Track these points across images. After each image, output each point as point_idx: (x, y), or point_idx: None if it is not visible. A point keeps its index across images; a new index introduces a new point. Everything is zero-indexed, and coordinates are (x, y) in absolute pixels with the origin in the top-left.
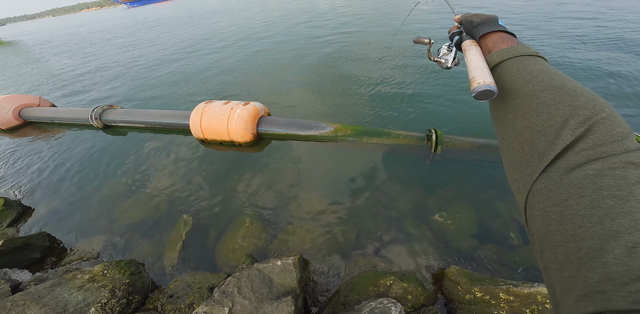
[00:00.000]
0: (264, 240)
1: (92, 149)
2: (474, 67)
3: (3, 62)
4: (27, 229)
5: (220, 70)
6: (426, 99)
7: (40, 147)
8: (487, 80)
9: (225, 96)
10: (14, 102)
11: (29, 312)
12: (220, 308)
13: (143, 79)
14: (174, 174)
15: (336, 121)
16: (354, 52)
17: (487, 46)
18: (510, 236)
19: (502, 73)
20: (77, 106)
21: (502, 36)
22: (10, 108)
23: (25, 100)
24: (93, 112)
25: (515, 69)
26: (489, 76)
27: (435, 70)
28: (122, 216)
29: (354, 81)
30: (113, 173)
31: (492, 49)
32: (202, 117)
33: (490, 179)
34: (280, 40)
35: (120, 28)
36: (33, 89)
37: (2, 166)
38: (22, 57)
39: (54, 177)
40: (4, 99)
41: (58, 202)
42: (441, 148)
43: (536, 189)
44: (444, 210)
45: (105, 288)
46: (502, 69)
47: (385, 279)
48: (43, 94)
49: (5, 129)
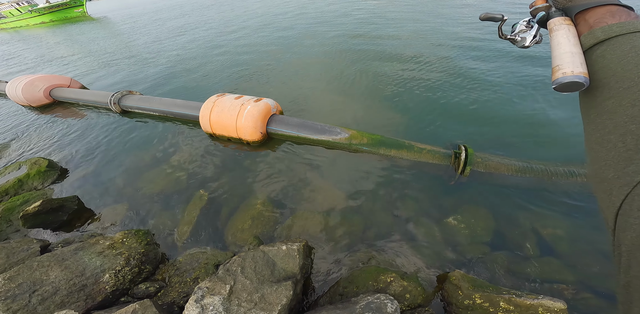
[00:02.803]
0: (272, 223)
1: (115, 130)
2: (562, 52)
3: (93, 36)
4: (60, 192)
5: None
6: (461, 109)
7: (69, 124)
8: (577, 69)
9: (260, 84)
10: (47, 82)
11: (51, 273)
12: (222, 285)
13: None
14: (194, 154)
15: (354, 123)
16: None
17: (588, 22)
18: (526, 247)
19: (606, 52)
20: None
21: (612, 10)
22: (42, 87)
23: (57, 80)
24: (112, 97)
25: (628, 47)
26: (580, 65)
27: (476, 79)
28: (146, 186)
29: (385, 80)
30: (137, 150)
31: (595, 25)
32: (212, 111)
33: (517, 187)
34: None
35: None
36: (111, 63)
37: (38, 137)
38: (108, 32)
39: (81, 150)
40: (37, 79)
41: (90, 169)
42: (470, 169)
43: (638, 194)
44: (459, 213)
45: (122, 256)
46: (607, 47)
47: (387, 275)
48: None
49: (36, 106)
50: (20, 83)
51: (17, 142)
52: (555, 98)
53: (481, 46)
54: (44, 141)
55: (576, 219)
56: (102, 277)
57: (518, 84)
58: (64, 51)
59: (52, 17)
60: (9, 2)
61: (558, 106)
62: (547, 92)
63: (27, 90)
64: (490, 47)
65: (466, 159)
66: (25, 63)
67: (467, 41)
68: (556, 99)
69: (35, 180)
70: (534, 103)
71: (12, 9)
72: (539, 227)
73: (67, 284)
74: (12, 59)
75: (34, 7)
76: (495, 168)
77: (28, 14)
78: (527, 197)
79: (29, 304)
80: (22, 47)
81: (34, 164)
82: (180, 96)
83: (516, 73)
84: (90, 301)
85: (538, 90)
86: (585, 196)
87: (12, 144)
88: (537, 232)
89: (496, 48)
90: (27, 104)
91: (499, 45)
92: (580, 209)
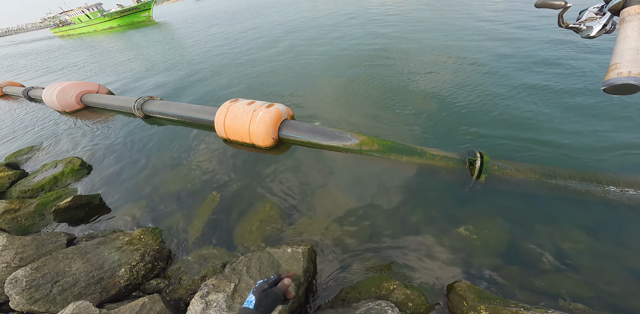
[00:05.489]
0: (279, 226)
1: (138, 134)
2: (625, 48)
3: (156, 40)
4: (87, 189)
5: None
6: (484, 116)
7: (97, 128)
8: (636, 69)
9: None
10: (77, 88)
11: (74, 265)
12: (227, 283)
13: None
14: (209, 157)
15: (365, 127)
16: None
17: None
18: (542, 260)
19: None
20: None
21: None
22: (73, 94)
23: (86, 87)
24: (135, 103)
25: None
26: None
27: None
28: (164, 186)
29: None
30: (158, 153)
31: None
32: (225, 117)
33: (536, 197)
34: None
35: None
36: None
37: (70, 139)
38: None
39: (108, 151)
40: (69, 86)
41: (113, 169)
42: (485, 177)
43: None
44: (471, 224)
45: (138, 252)
46: None
47: (390, 283)
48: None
49: (69, 111)
50: (54, 90)
51: (53, 143)
52: (584, 105)
53: (514, 53)
54: (75, 142)
55: (600, 234)
56: (118, 271)
57: (542, 89)
58: (121, 57)
59: (120, 22)
60: (79, 8)
61: (582, 114)
62: (579, 100)
63: (61, 97)
64: (522, 49)
65: (481, 167)
66: (82, 67)
67: (496, 42)
68: (584, 106)
69: (69, 178)
70: (560, 111)
71: (82, 15)
72: (558, 240)
73: (86, 276)
74: (73, 66)
75: (104, 12)
76: (514, 175)
77: (100, 18)
78: (545, 208)
79: (50, 294)
80: (85, 54)
81: (69, 163)
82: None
83: (541, 79)
84: (105, 294)
85: (568, 97)
86: (610, 207)
87: (50, 144)
88: (555, 245)
89: (529, 50)
90: (61, 110)
91: (531, 48)
92: (605, 222)
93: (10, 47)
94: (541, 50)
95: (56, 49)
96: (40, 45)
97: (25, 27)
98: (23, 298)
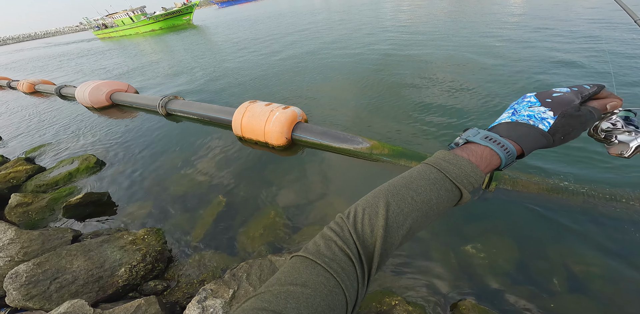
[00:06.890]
0: (283, 234)
1: (158, 130)
2: None
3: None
4: (98, 186)
5: None
6: None
7: (119, 124)
8: None
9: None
10: (109, 86)
11: (75, 263)
12: (225, 289)
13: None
14: (220, 159)
15: (376, 132)
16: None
17: None
18: (552, 282)
19: None
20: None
21: None
22: (105, 91)
23: (117, 86)
24: (160, 101)
25: None
26: None
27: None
28: (172, 187)
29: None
30: (172, 151)
31: None
32: (243, 116)
33: (548, 217)
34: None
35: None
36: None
37: (92, 135)
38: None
39: (125, 148)
40: (102, 84)
41: (126, 167)
42: (495, 185)
43: None
44: (480, 242)
45: (140, 252)
46: None
47: (392, 298)
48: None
49: (98, 108)
50: (88, 87)
51: (75, 139)
52: None
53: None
54: (95, 139)
55: (616, 255)
56: (118, 270)
57: None
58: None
59: (162, 25)
60: (124, 11)
61: None
62: None
63: (93, 93)
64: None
65: (492, 175)
66: (119, 69)
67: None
68: None
69: (83, 174)
70: None
71: (126, 17)
72: (570, 263)
73: (86, 274)
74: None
75: (147, 15)
76: (525, 186)
77: (144, 21)
78: (558, 225)
79: (47, 290)
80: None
81: (85, 160)
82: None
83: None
84: (101, 293)
85: None
86: (629, 224)
87: (71, 140)
88: (567, 267)
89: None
90: (90, 106)
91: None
92: (622, 242)
93: (48, 48)
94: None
95: (101, 52)
96: (78, 47)
97: (62, 30)
98: (20, 294)
